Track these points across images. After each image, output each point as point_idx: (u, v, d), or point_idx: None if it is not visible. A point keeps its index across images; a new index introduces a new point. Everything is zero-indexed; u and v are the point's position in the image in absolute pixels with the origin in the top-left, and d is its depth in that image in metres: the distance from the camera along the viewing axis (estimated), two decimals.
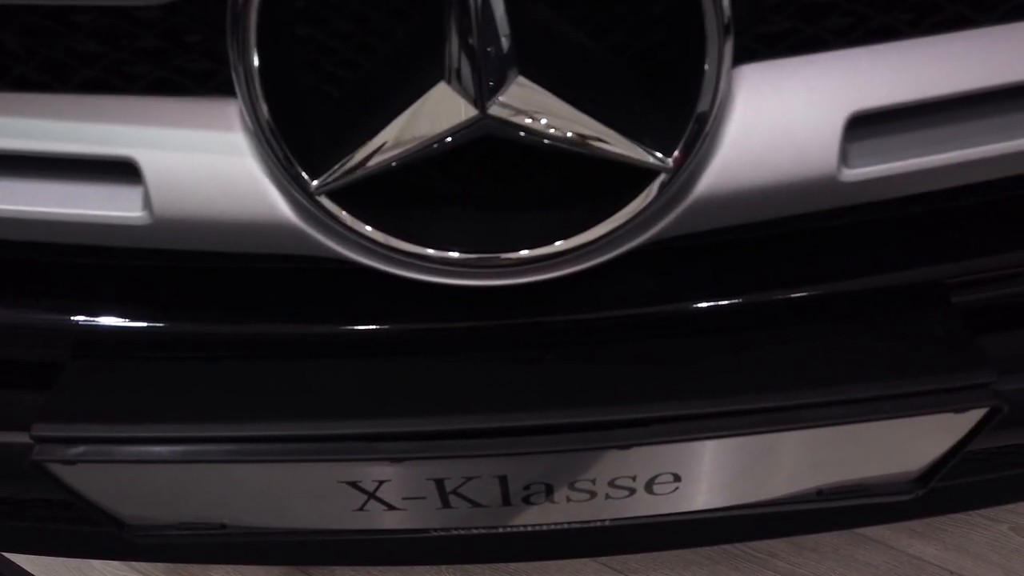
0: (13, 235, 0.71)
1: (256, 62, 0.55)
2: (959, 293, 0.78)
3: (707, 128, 0.58)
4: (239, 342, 0.78)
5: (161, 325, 0.77)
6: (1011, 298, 0.81)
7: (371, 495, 0.78)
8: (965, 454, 0.79)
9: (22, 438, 0.81)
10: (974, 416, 0.71)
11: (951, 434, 0.75)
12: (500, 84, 0.56)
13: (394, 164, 0.59)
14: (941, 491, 0.86)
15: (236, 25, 0.54)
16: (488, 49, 0.54)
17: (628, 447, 0.69)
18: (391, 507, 0.80)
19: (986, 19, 0.62)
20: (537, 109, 0.57)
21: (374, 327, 0.76)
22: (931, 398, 0.69)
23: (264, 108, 0.57)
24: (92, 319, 0.78)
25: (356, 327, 0.76)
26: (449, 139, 0.58)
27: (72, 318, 0.78)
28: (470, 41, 0.54)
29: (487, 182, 0.70)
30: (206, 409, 0.72)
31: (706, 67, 0.54)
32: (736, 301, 0.74)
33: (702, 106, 0.57)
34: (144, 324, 0.78)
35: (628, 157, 0.60)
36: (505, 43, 0.54)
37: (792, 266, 0.75)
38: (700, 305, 0.74)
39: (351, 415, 0.72)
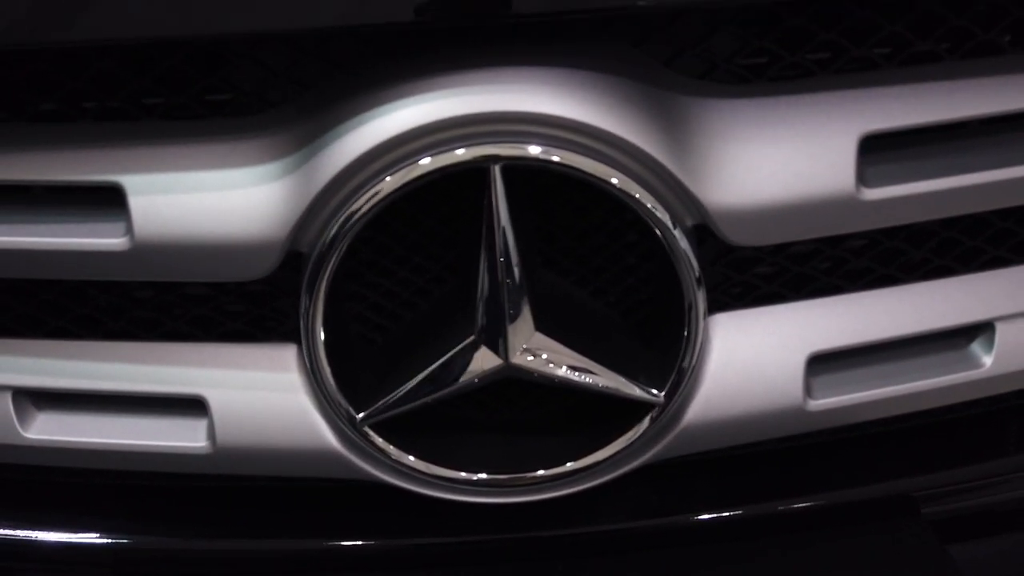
0: (77, 464, 0.80)
1: (322, 336, 0.67)
2: (928, 504, 0.86)
3: (689, 373, 0.70)
4: (270, 558, 0.84)
5: (198, 543, 0.84)
6: (977, 509, 0.89)
7: None
8: None
9: None
10: None
11: None
12: (520, 339, 0.68)
13: (429, 401, 0.70)
14: None
15: (309, 296, 0.66)
16: (511, 312, 0.67)
17: None
18: None
19: (910, 278, 0.76)
20: (550, 357, 0.70)
21: (387, 542, 0.82)
22: None
23: (325, 361, 0.68)
24: (132, 538, 0.84)
25: (371, 542, 0.82)
26: (476, 380, 0.70)
27: (114, 538, 0.84)
28: (496, 304, 0.67)
29: (504, 410, 0.81)
30: None
31: (685, 333, 0.67)
32: (728, 514, 0.82)
33: (685, 360, 0.69)
34: (181, 541, 0.84)
35: (625, 393, 0.71)
36: (524, 306, 0.67)
37: (774, 482, 0.84)
38: (694, 518, 0.82)
39: None
